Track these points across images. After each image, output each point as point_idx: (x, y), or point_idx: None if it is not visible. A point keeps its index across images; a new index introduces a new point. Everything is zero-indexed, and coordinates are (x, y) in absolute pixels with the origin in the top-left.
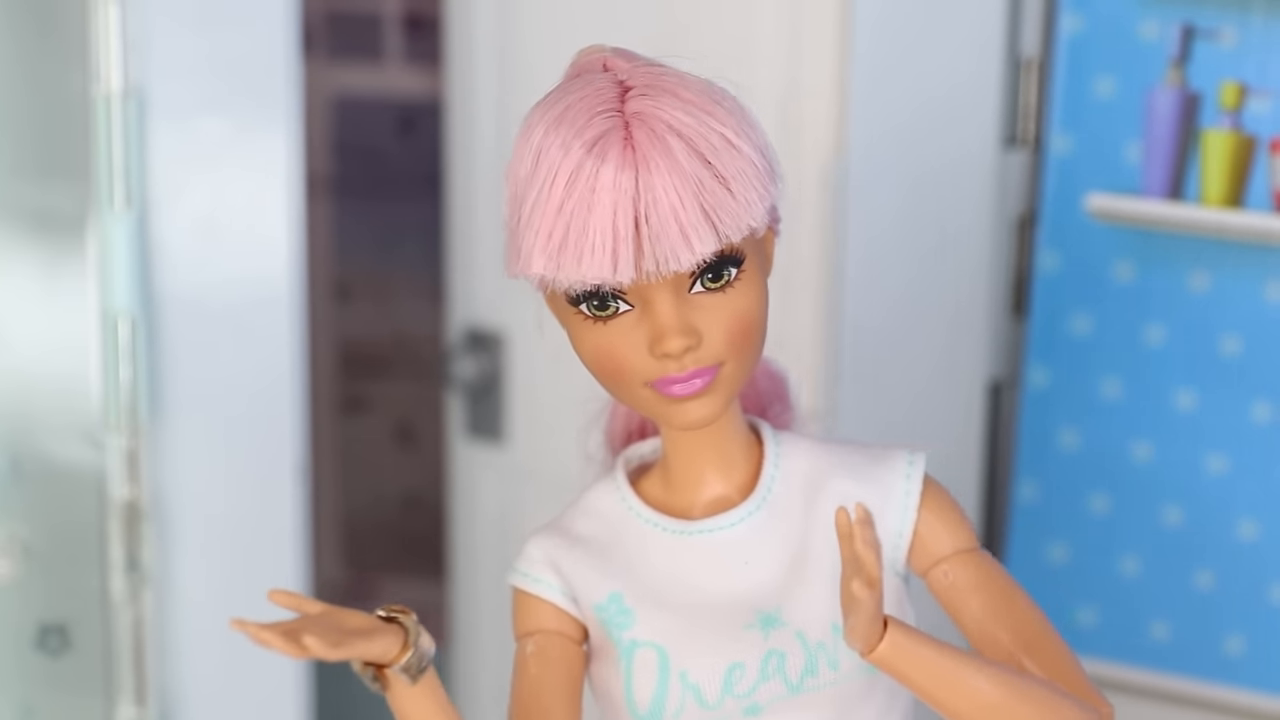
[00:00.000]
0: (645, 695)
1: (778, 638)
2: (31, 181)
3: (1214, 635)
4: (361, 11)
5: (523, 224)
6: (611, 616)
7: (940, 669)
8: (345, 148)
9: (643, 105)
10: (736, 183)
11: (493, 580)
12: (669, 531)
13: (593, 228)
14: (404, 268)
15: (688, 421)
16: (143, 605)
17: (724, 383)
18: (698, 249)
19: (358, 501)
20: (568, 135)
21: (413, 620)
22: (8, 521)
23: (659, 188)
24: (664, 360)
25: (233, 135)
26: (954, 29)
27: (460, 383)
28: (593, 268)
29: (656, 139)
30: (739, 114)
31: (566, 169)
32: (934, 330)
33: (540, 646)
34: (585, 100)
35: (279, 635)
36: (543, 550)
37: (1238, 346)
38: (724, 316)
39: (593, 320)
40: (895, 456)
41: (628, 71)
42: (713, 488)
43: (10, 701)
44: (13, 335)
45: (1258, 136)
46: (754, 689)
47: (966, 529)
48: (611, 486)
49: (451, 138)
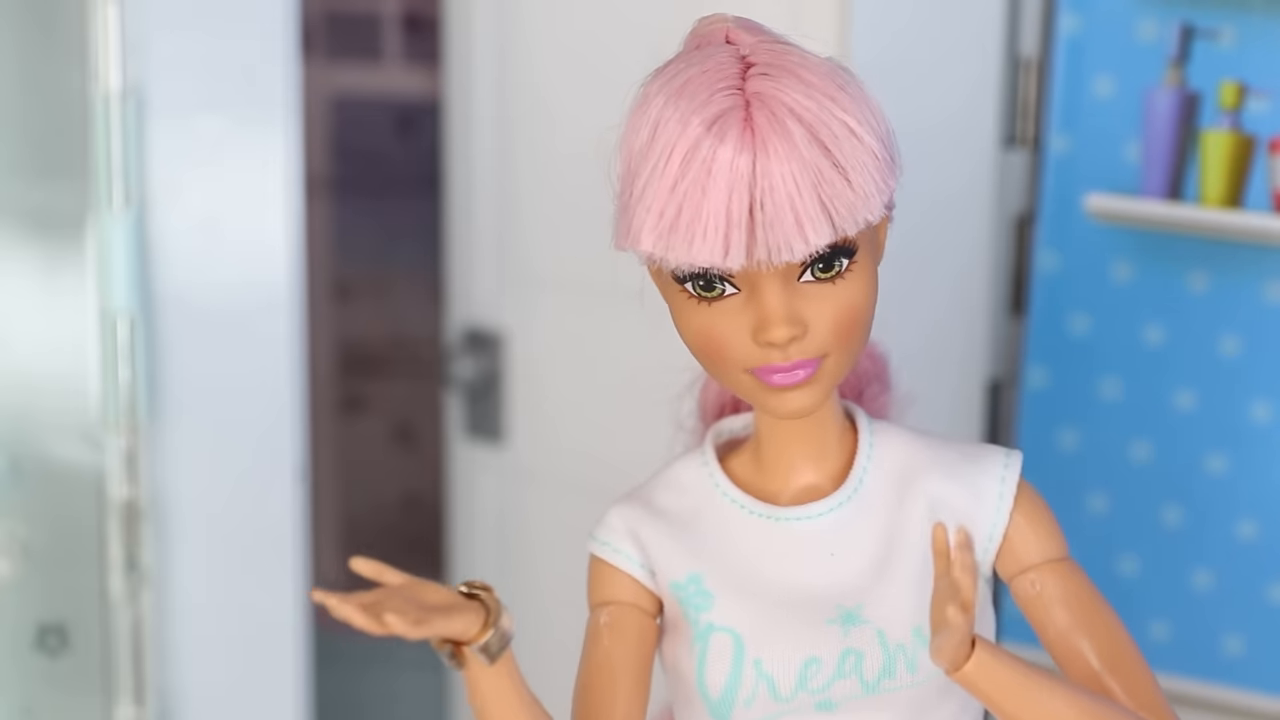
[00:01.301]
0: (718, 681)
1: (857, 636)
2: (30, 181)
3: (1213, 635)
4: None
5: (634, 199)
6: (689, 596)
7: (1022, 691)
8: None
9: (764, 85)
10: (856, 174)
11: (492, 579)
12: (756, 515)
13: (706, 210)
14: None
15: (787, 411)
16: (142, 605)
17: (826, 374)
18: (812, 240)
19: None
20: (687, 110)
21: (494, 598)
22: (7, 521)
23: (776, 174)
24: (768, 349)
25: (232, 135)
26: (953, 29)
27: (459, 383)
28: (703, 252)
29: (777, 122)
30: (862, 100)
31: (683, 146)
32: (933, 330)
33: (614, 618)
34: (706, 75)
35: (360, 610)
36: (624, 520)
37: (1236, 346)
38: (832, 308)
39: (697, 300)
40: (991, 457)
41: (751, 46)
42: (804, 475)
43: (9, 701)
44: (12, 335)
45: (1257, 136)
46: (829, 685)
47: (1058, 538)
48: (699, 461)
49: (450, 138)
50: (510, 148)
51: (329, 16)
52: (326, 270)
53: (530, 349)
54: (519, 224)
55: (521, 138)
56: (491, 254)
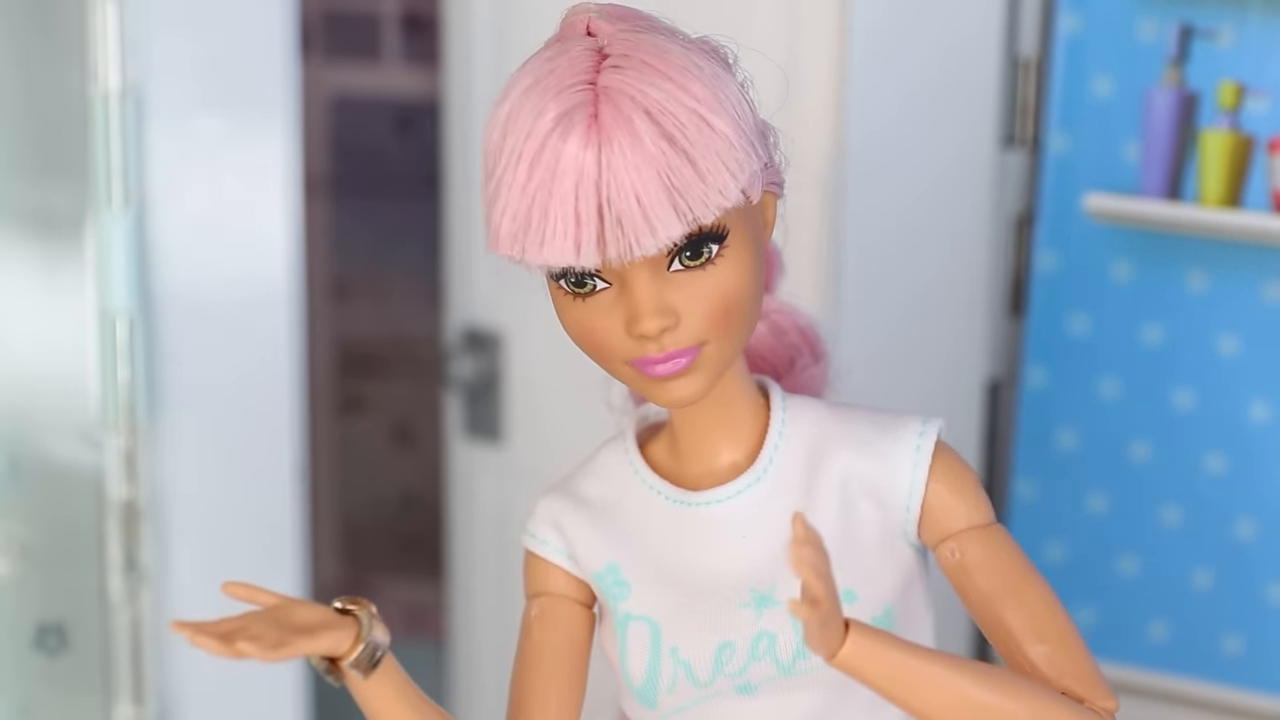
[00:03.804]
0: (638, 669)
1: (770, 618)
2: (30, 181)
3: (1212, 635)
4: (359, 11)
5: (491, 200)
6: (608, 586)
7: (909, 671)
8: (343, 148)
9: (613, 79)
10: (706, 162)
11: (491, 579)
12: (671, 501)
13: (554, 211)
14: (402, 268)
15: (671, 400)
16: (140, 605)
17: (707, 361)
18: (661, 234)
19: (356, 501)
20: (537, 107)
21: (367, 613)
22: (6, 521)
23: (621, 169)
24: (642, 341)
25: (230, 135)
26: (952, 28)
27: (458, 382)
28: (554, 252)
29: (622, 117)
30: (717, 84)
31: (532, 145)
32: (932, 330)
33: (544, 609)
34: (557, 71)
35: (213, 638)
36: (549, 511)
37: (1235, 346)
38: (704, 295)
39: (572, 296)
40: (905, 425)
41: (610, 36)
42: (719, 455)
43: (8, 701)
44: (11, 335)
45: (1256, 136)
46: (745, 668)
47: (979, 503)
48: (621, 448)
49: (449, 137)
50: None
51: (328, 16)
52: (325, 270)
53: (529, 349)
54: None
55: None
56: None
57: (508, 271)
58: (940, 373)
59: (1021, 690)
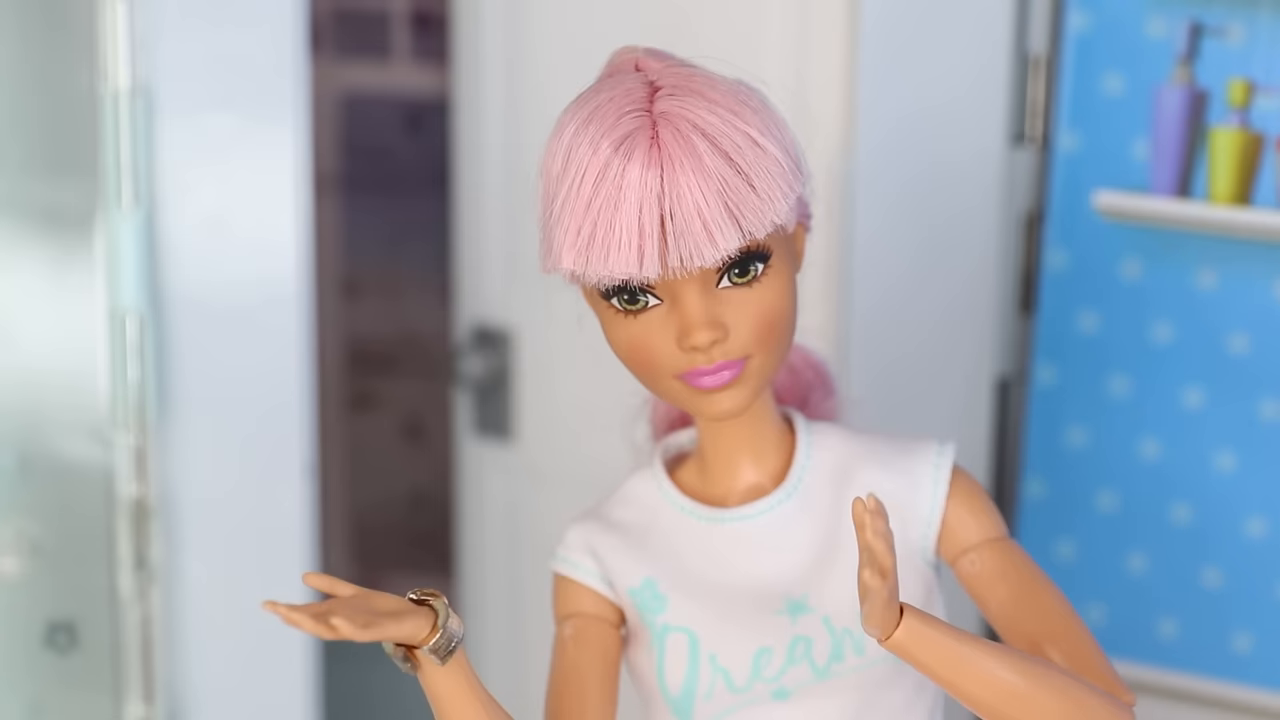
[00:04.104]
0: (677, 678)
1: (805, 623)
2: (40, 179)
3: (1222, 632)
4: (369, 9)
5: (553, 221)
6: (645, 601)
7: (958, 656)
8: (353, 146)
9: (670, 105)
10: (760, 180)
11: (500, 577)
12: (702, 519)
13: (619, 224)
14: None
15: (716, 412)
16: (151, 603)
17: (752, 375)
18: (721, 245)
19: (366, 499)
20: (596, 134)
21: (442, 603)
22: (16, 519)
23: (683, 185)
24: (692, 353)
25: (241, 133)
26: (961, 26)
27: (468, 380)
28: (619, 263)
29: (682, 138)
30: (764, 114)
31: (595, 167)
32: (942, 327)
33: (578, 630)
34: (615, 100)
35: (309, 616)
36: (581, 536)
37: (1245, 344)
38: (751, 311)
39: (624, 314)
40: (925, 447)
41: (658, 72)
42: (746, 476)
43: (19, 699)
44: (21, 333)
45: (1265, 134)
46: (781, 673)
47: (994, 519)
48: (649, 475)
49: (459, 135)
50: (519, 145)
51: (338, 14)
52: (335, 268)
53: (539, 346)
54: (528, 221)
55: (530, 135)
56: (500, 251)
57: (518, 269)
58: (950, 370)
59: (1058, 679)
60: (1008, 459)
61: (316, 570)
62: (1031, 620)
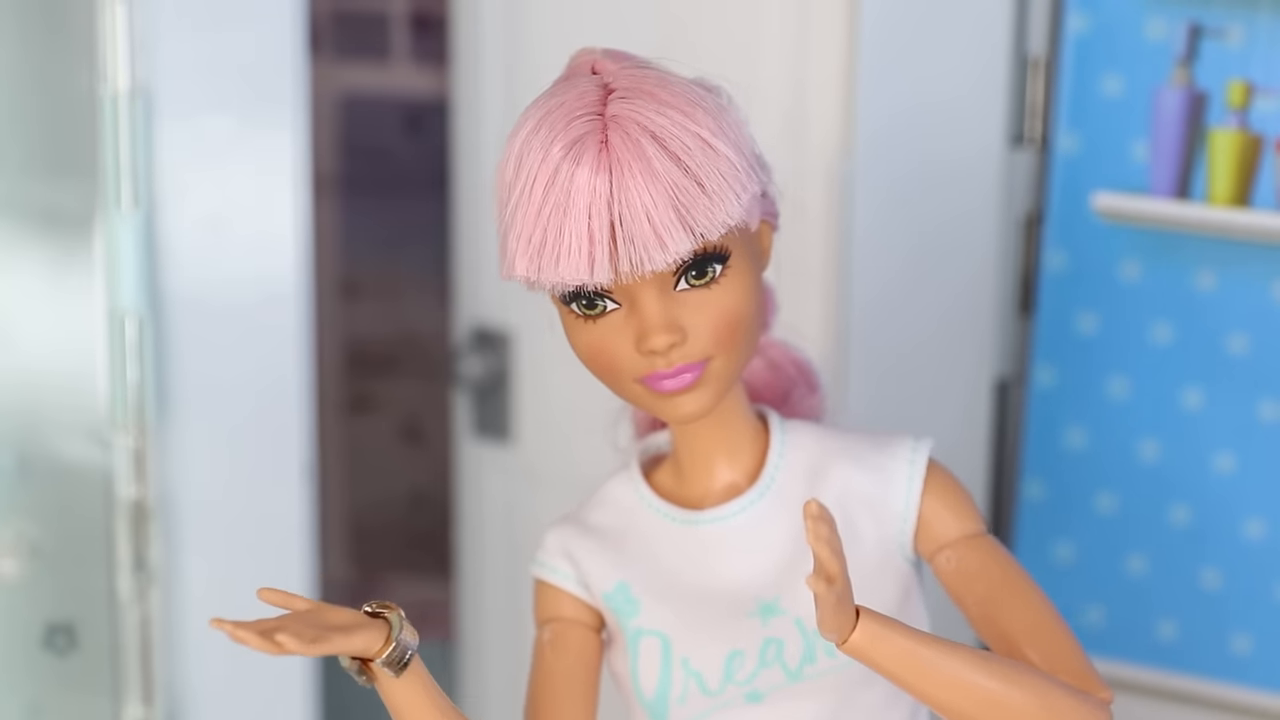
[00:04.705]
0: (650, 682)
1: (776, 625)
2: (39, 180)
3: (1221, 634)
4: (368, 11)
5: (507, 227)
6: (619, 605)
7: (919, 658)
8: (352, 147)
9: (620, 108)
10: (711, 181)
11: (499, 578)
12: (676, 521)
13: (569, 230)
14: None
15: (679, 415)
16: (149, 604)
17: (713, 377)
18: (672, 249)
19: (365, 500)
20: (547, 138)
21: (397, 615)
22: (15, 521)
23: (632, 190)
24: (650, 357)
25: (239, 134)
26: (960, 28)
27: (467, 381)
28: (569, 269)
29: (631, 142)
30: (718, 113)
31: (545, 172)
32: (940, 329)
33: (556, 634)
34: (567, 104)
35: (255, 634)
36: (558, 540)
37: (1244, 345)
38: (710, 312)
39: (583, 319)
40: (899, 443)
41: (613, 74)
42: (722, 476)
43: (18, 701)
44: (20, 334)
45: (1265, 135)
46: (754, 676)
47: (972, 514)
48: (626, 477)
49: (458, 137)
50: None
51: (336, 16)
52: (334, 269)
53: (538, 348)
54: None
55: None
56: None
57: None
58: (949, 372)
59: (1027, 679)
60: (1006, 460)
61: (314, 572)
62: (1009, 618)
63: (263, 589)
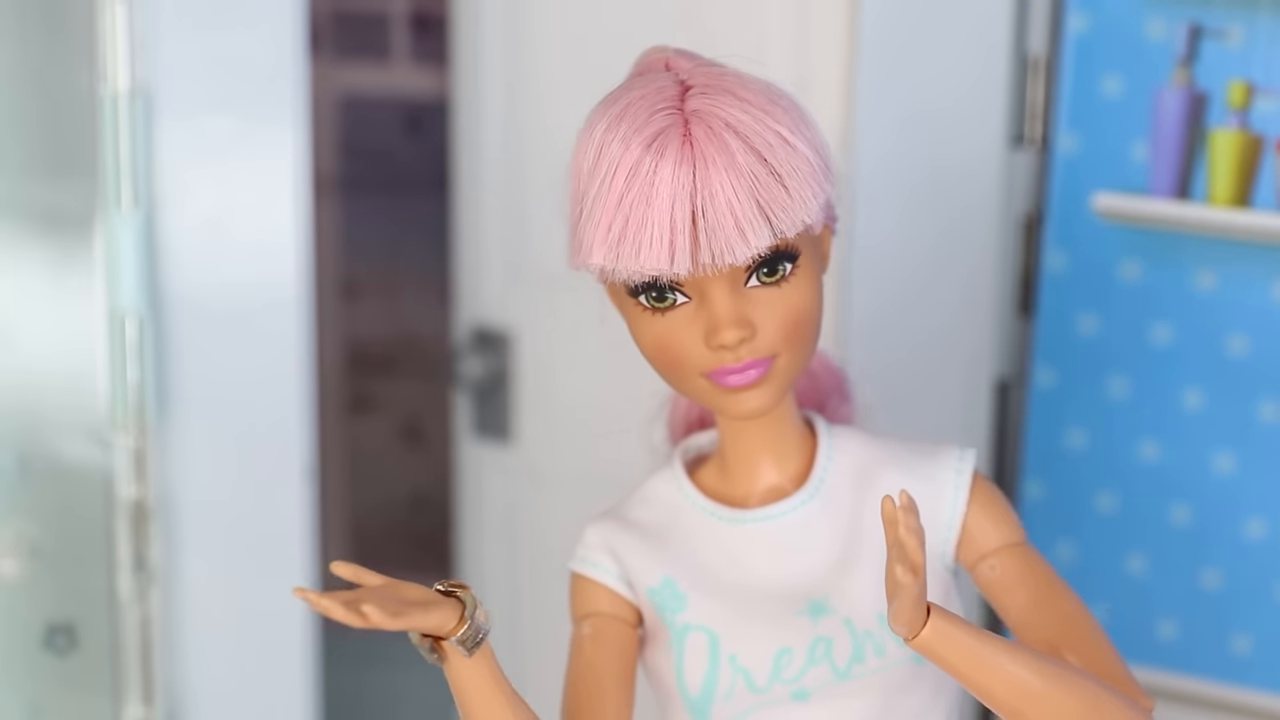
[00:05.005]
0: (696, 678)
1: (826, 625)
2: (39, 181)
3: (1222, 634)
4: (368, 11)
5: (584, 217)
6: (665, 600)
7: (982, 656)
8: (352, 147)
9: (701, 103)
10: (791, 179)
11: (500, 578)
12: (723, 519)
13: (651, 221)
14: (411, 267)
15: (743, 411)
16: (150, 605)
17: (778, 374)
18: (753, 242)
19: (365, 500)
20: (628, 131)
21: (470, 595)
22: (15, 521)
23: (715, 183)
24: (720, 351)
25: (240, 135)
26: (961, 28)
27: (467, 382)
28: (650, 259)
29: (714, 136)
30: (795, 113)
31: (626, 164)
32: (941, 329)
33: (596, 629)
34: (646, 98)
35: (340, 604)
36: (600, 536)
37: (1244, 346)
38: (778, 310)
39: (651, 311)
40: (946, 452)
41: (688, 71)
42: (767, 478)
43: (18, 700)
44: (20, 334)
45: (1265, 136)
46: (802, 673)
47: (1014, 524)
48: (669, 475)
49: (459, 137)
50: (519, 146)
51: (337, 16)
52: (334, 269)
53: (538, 348)
54: (527, 223)
55: (530, 136)
56: (499, 253)
57: (517, 271)
58: (949, 372)
59: (1078, 681)
60: (1007, 461)
61: (315, 574)
62: (1050, 625)
63: (337, 563)
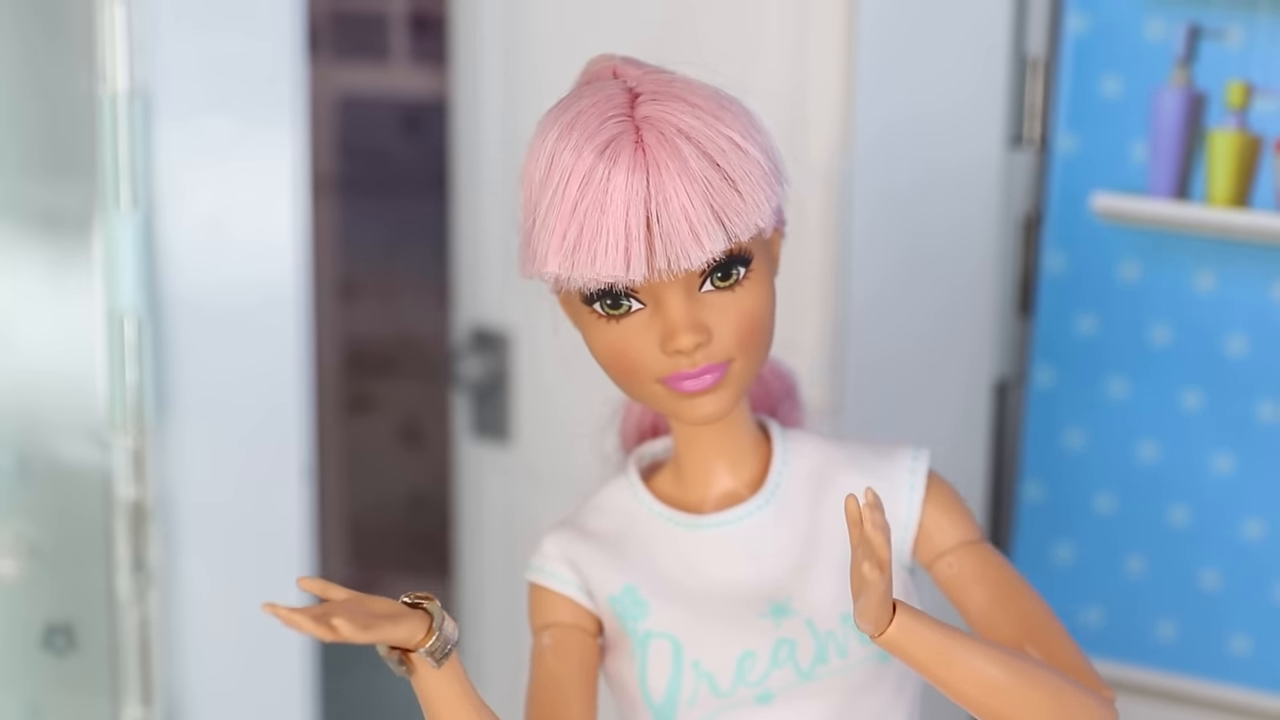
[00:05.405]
0: (660, 684)
1: (788, 626)
2: (38, 181)
3: (1220, 635)
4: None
5: (538, 226)
6: (626, 608)
7: (947, 652)
8: (351, 147)
9: (652, 110)
10: (744, 183)
11: (499, 579)
12: (680, 525)
13: (606, 228)
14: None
15: (699, 416)
16: (148, 605)
17: (734, 379)
18: (708, 247)
19: (364, 501)
20: (580, 139)
21: (437, 606)
22: (14, 521)
23: (669, 188)
24: (675, 357)
25: (238, 135)
26: (959, 29)
27: (466, 382)
28: (606, 266)
29: (666, 142)
30: (745, 118)
31: (580, 172)
32: (940, 330)
33: (557, 640)
34: (596, 106)
35: (309, 618)
36: (558, 546)
37: (1243, 346)
38: (733, 315)
39: (606, 319)
40: (900, 452)
41: (637, 78)
42: (722, 483)
43: (17, 701)
44: (19, 335)
45: (1263, 136)
46: (766, 676)
47: (970, 522)
48: (624, 483)
49: (457, 137)
50: (517, 147)
51: (335, 16)
52: (333, 269)
53: (537, 348)
54: None
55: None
56: (498, 253)
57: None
58: (948, 372)
59: (1042, 676)
60: (1006, 461)
61: (314, 573)
62: (1010, 622)
63: (303, 577)
